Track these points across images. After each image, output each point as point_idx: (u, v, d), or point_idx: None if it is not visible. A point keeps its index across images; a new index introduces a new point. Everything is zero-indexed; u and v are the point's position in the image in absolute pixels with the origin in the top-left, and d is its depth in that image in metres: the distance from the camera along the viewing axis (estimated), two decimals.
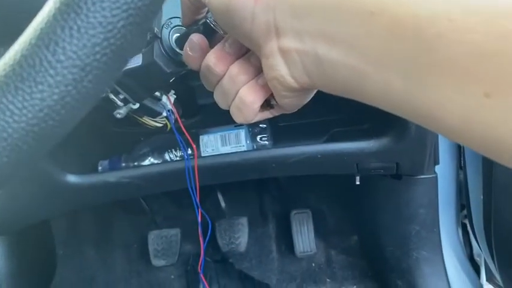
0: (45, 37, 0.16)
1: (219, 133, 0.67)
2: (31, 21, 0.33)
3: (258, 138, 0.67)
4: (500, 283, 0.69)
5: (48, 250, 0.86)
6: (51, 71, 0.16)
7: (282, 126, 0.72)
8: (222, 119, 0.69)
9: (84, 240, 0.93)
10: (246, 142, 0.66)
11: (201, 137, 0.67)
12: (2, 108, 0.15)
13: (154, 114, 0.56)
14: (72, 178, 0.60)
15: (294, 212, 0.94)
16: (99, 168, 0.69)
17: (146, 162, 0.69)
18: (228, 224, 0.93)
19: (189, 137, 0.57)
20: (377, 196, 0.79)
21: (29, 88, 0.15)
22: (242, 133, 0.66)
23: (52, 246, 0.87)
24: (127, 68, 0.44)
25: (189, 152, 0.64)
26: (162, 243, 0.93)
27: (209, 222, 0.66)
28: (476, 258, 0.85)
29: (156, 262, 0.91)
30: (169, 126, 0.58)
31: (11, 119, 0.15)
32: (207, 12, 0.37)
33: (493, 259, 0.67)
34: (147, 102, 0.53)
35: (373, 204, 0.81)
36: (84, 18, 0.15)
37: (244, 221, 0.94)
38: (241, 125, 0.68)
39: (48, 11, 0.16)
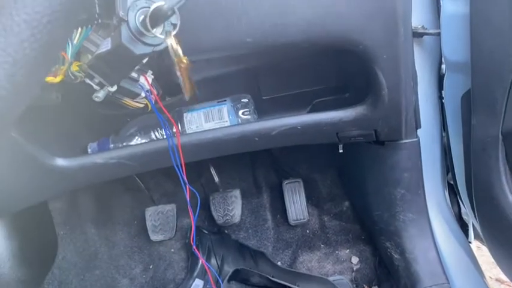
0: None
1: (202, 110, 0.68)
2: None
3: (240, 113, 0.68)
4: (483, 240, 0.72)
5: (49, 231, 0.90)
6: None
7: (265, 100, 0.73)
8: (204, 95, 0.70)
9: (84, 220, 0.96)
10: (229, 117, 0.67)
11: (184, 114, 0.68)
12: None
13: (134, 95, 0.57)
14: (60, 161, 0.62)
15: (285, 181, 0.97)
16: (89, 150, 0.71)
17: (134, 142, 0.70)
18: (221, 197, 0.95)
19: (169, 116, 0.58)
20: (364, 163, 0.80)
21: None
22: (225, 109, 0.68)
23: (52, 227, 0.90)
24: (98, 52, 0.45)
25: (174, 130, 0.66)
26: (159, 218, 0.96)
27: (198, 198, 0.68)
28: (464, 217, 0.87)
29: (154, 237, 0.94)
30: (149, 106, 0.59)
31: None
32: None
33: (475, 217, 0.69)
34: (125, 84, 0.54)
35: (361, 170, 0.83)
36: (8, 17, 0.17)
37: (237, 193, 0.96)
38: (224, 100, 0.69)
39: None
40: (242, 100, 0.69)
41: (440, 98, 0.75)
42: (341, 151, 0.69)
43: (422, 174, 0.73)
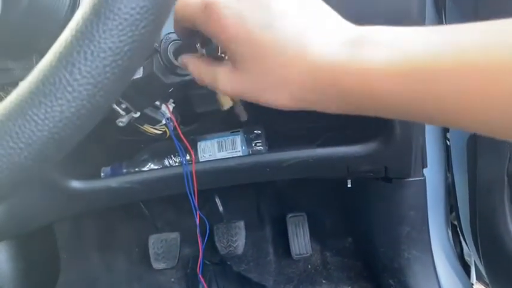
0: (64, 60, 0.19)
1: (216, 139, 0.70)
2: (41, 41, 0.36)
3: (253, 144, 0.70)
4: (488, 281, 0.72)
5: (52, 254, 0.89)
6: (69, 88, 0.19)
7: (277, 132, 0.75)
8: (219, 126, 0.72)
9: (87, 245, 0.95)
10: (242, 148, 0.69)
11: (198, 143, 0.70)
12: (28, 120, 0.18)
13: (154, 122, 0.59)
14: (75, 184, 0.63)
15: (289, 215, 0.97)
16: (102, 174, 0.72)
17: (146, 168, 0.72)
18: (225, 227, 0.96)
19: (187, 143, 0.60)
20: (369, 199, 0.82)
21: (50, 102, 0.19)
22: (238, 139, 0.69)
23: (56, 250, 0.90)
24: None
25: (187, 157, 0.68)
26: (162, 246, 0.96)
27: (207, 224, 0.69)
28: (467, 258, 0.88)
29: (157, 265, 0.94)
30: (168, 133, 0.61)
31: (35, 128, 0.19)
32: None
33: (479, 258, 0.70)
34: (148, 111, 0.56)
35: (366, 206, 0.84)
36: (96, 44, 0.19)
37: (241, 224, 0.97)
38: (237, 131, 0.71)
39: (66, 38, 0.19)
40: (255, 131, 0.71)
41: (446, 139, 0.78)
42: (349, 186, 0.71)
43: (427, 212, 0.75)
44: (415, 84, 0.23)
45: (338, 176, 0.67)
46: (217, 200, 0.98)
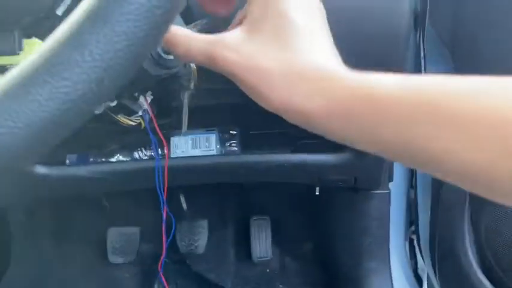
0: (75, 40, 0.18)
1: (190, 136, 0.69)
2: (26, 18, 0.35)
3: (227, 144, 0.70)
4: None
5: (3, 244, 0.84)
6: (77, 69, 0.18)
7: (251, 134, 0.75)
8: (194, 122, 0.71)
9: (41, 235, 0.91)
10: (216, 146, 0.69)
11: (171, 138, 0.69)
12: (30, 99, 0.17)
13: (130, 112, 0.57)
14: (40, 169, 0.60)
15: (253, 217, 0.97)
16: (67, 161, 0.69)
17: (114, 159, 0.70)
18: (188, 225, 0.95)
19: (162, 137, 0.59)
20: (334, 207, 0.83)
21: (56, 82, 0.18)
22: (213, 137, 0.69)
23: (8, 240, 0.85)
24: None
25: (160, 152, 0.66)
26: (121, 240, 0.93)
27: (173, 221, 0.68)
28: (420, 272, 0.92)
29: (114, 259, 0.91)
30: (143, 125, 0.59)
31: (38, 109, 0.17)
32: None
33: (435, 273, 0.73)
34: (125, 101, 0.54)
35: (330, 214, 0.86)
36: (110, 26, 0.18)
37: (205, 223, 0.96)
38: (212, 129, 0.70)
39: (78, 18, 0.18)
40: (231, 131, 0.71)
41: None
42: (317, 193, 0.72)
43: (389, 225, 0.77)
44: (420, 113, 0.23)
45: (309, 182, 0.68)
46: (182, 198, 0.97)
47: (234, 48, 0.29)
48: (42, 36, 0.37)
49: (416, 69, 0.76)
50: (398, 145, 0.25)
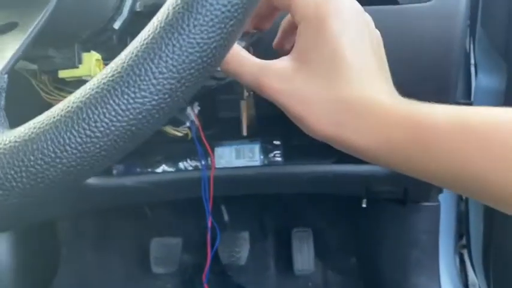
0: (151, 51, 0.18)
1: (234, 146, 0.69)
2: (86, 32, 0.36)
3: (270, 155, 0.69)
4: None
5: (53, 250, 0.87)
6: (154, 81, 0.18)
7: (294, 145, 0.74)
8: (238, 133, 0.72)
9: (86, 242, 0.93)
10: (260, 157, 0.68)
11: (216, 148, 0.69)
12: (109, 109, 0.18)
13: (178, 123, 0.58)
14: (89, 179, 0.62)
15: (295, 229, 0.96)
16: (114, 171, 0.71)
17: (160, 169, 0.71)
18: (230, 237, 0.94)
19: (208, 148, 0.59)
20: (381, 219, 0.81)
21: (133, 93, 0.18)
22: (256, 148, 0.69)
23: (57, 245, 0.88)
24: None
25: (203, 162, 0.67)
26: (163, 251, 0.94)
27: (218, 232, 0.68)
28: (471, 287, 0.87)
29: (156, 269, 0.92)
30: (189, 135, 0.60)
31: (115, 119, 0.18)
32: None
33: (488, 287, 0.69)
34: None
35: (377, 227, 0.83)
36: (185, 38, 0.18)
37: (246, 235, 0.96)
38: (256, 140, 0.70)
39: (154, 30, 0.18)
40: (274, 142, 0.70)
41: None
42: (364, 205, 0.70)
43: (439, 239, 0.74)
44: (470, 142, 0.24)
45: (355, 193, 0.66)
46: (223, 209, 0.97)
47: (282, 78, 0.30)
48: (100, 49, 0.38)
49: (466, 78, 0.73)
50: (447, 176, 0.26)
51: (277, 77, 0.30)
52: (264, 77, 0.30)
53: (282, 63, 0.31)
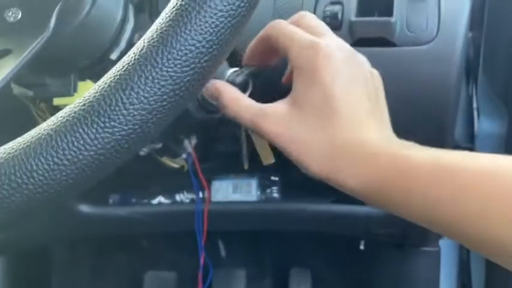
0: (124, 82, 0.18)
1: (231, 180, 0.69)
2: (83, 61, 0.37)
3: (268, 190, 0.68)
4: None
5: (45, 278, 0.86)
6: (124, 111, 0.18)
7: (292, 181, 0.74)
8: (236, 167, 0.71)
9: (79, 272, 0.92)
10: (257, 193, 0.68)
11: (213, 182, 0.69)
12: (78, 137, 0.18)
13: (174, 155, 0.58)
14: (84, 208, 0.62)
15: (293, 270, 0.94)
16: (110, 201, 0.71)
17: (156, 201, 0.70)
18: (226, 274, 0.92)
19: (204, 181, 0.59)
20: (378, 264, 0.78)
21: (102, 123, 0.18)
22: (254, 183, 0.68)
23: (49, 275, 0.86)
24: None
25: (200, 195, 0.66)
26: (158, 285, 0.92)
27: (210, 269, 0.66)
28: None
29: None
30: (186, 168, 0.60)
31: (83, 148, 0.18)
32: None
33: None
34: (170, 143, 0.56)
35: (374, 272, 0.81)
36: (158, 70, 0.18)
37: (242, 273, 0.94)
38: (253, 175, 0.70)
39: (128, 61, 0.19)
40: (271, 178, 0.70)
41: None
42: (362, 247, 0.68)
43: (439, 286, 0.71)
44: (443, 186, 0.25)
45: (353, 234, 0.65)
46: (220, 244, 0.95)
47: (278, 122, 0.31)
48: (96, 79, 0.39)
49: (469, 122, 0.73)
50: (425, 218, 0.27)
51: (274, 120, 0.32)
52: (261, 120, 0.32)
53: (278, 107, 0.32)
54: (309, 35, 0.32)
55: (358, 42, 0.46)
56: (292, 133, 0.30)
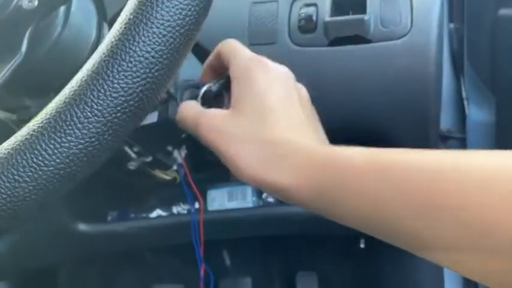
0: (77, 97, 0.19)
1: (226, 188, 0.69)
2: (60, 80, 0.37)
3: (264, 196, 0.69)
4: None
5: None
6: (79, 125, 0.19)
7: None
8: (229, 175, 0.72)
9: None
10: (252, 199, 0.68)
11: (208, 191, 0.69)
12: (36, 154, 0.18)
13: (165, 167, 0.58)
14: (82, 226, 0.63)
15: (299, 273, 0.93)
16: (109, 218, 0.71)
17: (154, 214, 0.71)
18: (232, 283, 0.92)
19: (197, 191, 0.59)
20: (381, 261, 0.78)
21: (59, 138, 0.18)
22: (248, 189, 0.68)
23: None
24: (143, 124, 0.48)
25: (196, 206, 0.66)
26: None
27: (212, 279, 0.66)
28: None
29: None
30: (178, 179, 0.60)
31: (43, 163, 0.18)
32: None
33: None
34: (160, 156, 0.56)
35: (379, 269, 0.80)
36: (109, 83, 0.19)
37: (248, 281, 0.93)
38: None
39: (82, 76, 0.19)
40: None
41: None
42: (362, 246, 0.68)
43: (444, 279, 0.71)
44: (383, 185, 0.25)
45: (351, 234, 0.65)
46: (225, 253, 0.95)
47: (216, 124, 0.34)
48: None
49: (459, 114, 0.73)
50: (362, 218, 0.27)
51: (212, 122, 0.34)
52: (202, 121, 0.35)
53: (218, 111, 0.35)
54: (250, 52, 0.36)
55: (334, 42, 0.47)
56: (228, 132, 0.32)
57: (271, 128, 0.31)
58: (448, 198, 0.22)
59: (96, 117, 0.19)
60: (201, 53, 0.51)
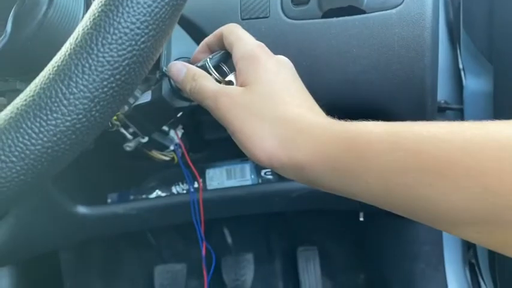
0: (61, 73, 0.18)
1: (225, 167, 0.69)
2: (49, 60, 0.37)
3: (262, 173, 0.69)
4: None
5: (56, 281, 0.87)
6: (65, 102, 0.18)
7: None
8: (228, 153, 0.71)
9: (91, 273, 0.93)
10: (251, 176, 0.68)
11: (207, 170, 0.69)
12: (22, 133, 0.18)
13: (162, 147, 0.58)
14: (82, 209, 0.63)
15: (300, 248, 0.94)
16: (109, 200, 0.71)
17: (153, 195, 0.71)
18: (233, 260, 0.93)
19: (195, 171, 0.59)
20: (382, 233, 0.79)
21: (45, 116, 0.18)
22: (247, 167, 0.68)
23: (60, 277, 0.88)
24: (137, 103, 0.47)
25: (195, 185, 0.66)
26: (168, 278, 0.93)
27: (213, 257, 0.67)
28: None
29: None
30: (176, 159, 0.60)
31: (29, 142, 0.18)
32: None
33: None
34: (156, 136, 0.56)
35: (379, 241, 0.81)
36: (94, 57, 0.18)
37: (250, 257, 0.94)
38: (246, 159, 0.70)
39: (65, 51, 0.19)
40: None
41: None
42: (361, 219, 0.68)
43: (443, 249, 0.71)
44: (400, 156, 0.24)
45: (350, 208, 0.65)
46: (226, 231, 0.96)
47: (236, 101, 0.33)
48: None
49: (456, 85, 0.72)
50: (379, 190, 0.26)
51: (234, 97, 0.33)
52: (222, 95, 0.34)
53: (233, 89, 0.34)
54: (254, 39, 0.37)
55: (327, 14, 0.46)
56: (246, 112, 0.31)
57: (284, 103, 0.31)
58: (468, 167, 0.22)
59: (82, 93, 0.18)
60: (193, 29, 0.50)
